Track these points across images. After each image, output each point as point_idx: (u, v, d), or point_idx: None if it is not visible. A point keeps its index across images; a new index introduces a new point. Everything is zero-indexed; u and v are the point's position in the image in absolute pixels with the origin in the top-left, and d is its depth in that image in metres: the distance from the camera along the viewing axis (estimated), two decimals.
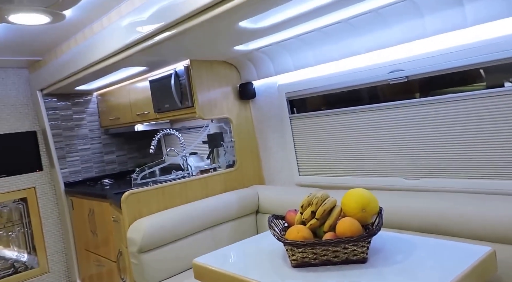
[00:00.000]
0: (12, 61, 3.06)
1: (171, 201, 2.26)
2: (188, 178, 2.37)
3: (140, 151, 3.84)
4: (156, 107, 2.71)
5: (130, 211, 2.13)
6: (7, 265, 3.31)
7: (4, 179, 3.19)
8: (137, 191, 2.15)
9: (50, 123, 3.30)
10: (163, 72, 2.58)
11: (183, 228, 2.12)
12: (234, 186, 2.54)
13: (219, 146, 2.59)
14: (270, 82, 2.51)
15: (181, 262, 2.10)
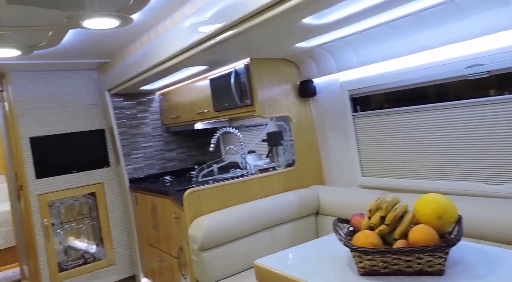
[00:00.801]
0: (83, 64, 3.27)
1: (230, 200, 2.27)
2: (247, 177, 2.36)
3: (199, 149, 3.93)
4: (215, 106, 2.74)
5: (191, 208, 2.17)
6: (78, 255, 3.55)
7: (76, 174, 3.42)
8: (198, 189, 2.18)
9: (117, 122, 3.48)
10: (223, 71, 2.60)
11: (242, 227, 2.12)
12: (293, 185, 2.50)
13: (278, 144, 2.56)
14: (332, 79, 2.43)
15: (240, 261, 2.09)
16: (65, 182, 3.37)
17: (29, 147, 3.21)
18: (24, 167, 3.19)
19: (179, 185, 3.11)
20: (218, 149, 3.77)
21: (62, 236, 3.47)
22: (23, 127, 3.20)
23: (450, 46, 1.78)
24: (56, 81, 3.36)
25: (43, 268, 3.23)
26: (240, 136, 2.76)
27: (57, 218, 3.44)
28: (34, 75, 3.26)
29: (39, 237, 3.23)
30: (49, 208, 3.33)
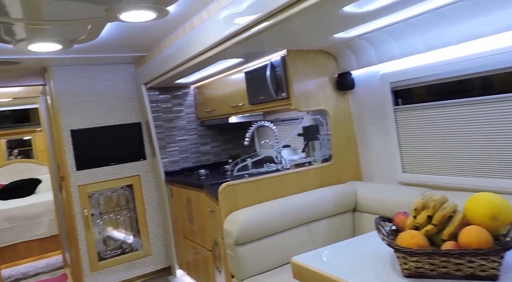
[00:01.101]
0: (120, 58, 3.33)
1: (266, 194, 2.24)
2: (283, 172, 2.32)
3: (233, 143, 3.92)
4: (250, 99, 2.71)
5: (226, 202, 2.15)
6: (116, 245, 3.65)
7: (114, 167, 3.51)
8: (233, 183, 2.16)
9: (153, 115, 3.52)
10: (259, 64, 2.55)
11: (278, 222, 2.08)
12: (330, 181, 2.43)
13: (314, 139, 2.50)
14: (371, 71, 2.33)
15: (276, 257, 2.06)
16: (103, 174, 3.46)
17: (70, 139, 3.32)
18: (66, 158, 3.30)
19: (214, 178, 3.11)
20: (252, 143, 3.75)
21: (101, 226, 3.58)
22: (64, 120, 3.31)
23: (505, 33, 1.64)
24: (95, 75, 3.44)
25: (84, 257, 3.34)
26: (275, 130, 2.72)
27: (97, 209, 3.54)
28: (74, 70, 3.35)
29: (80, 227, 3.35)
30: (89, 199, 3.43)
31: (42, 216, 4.82)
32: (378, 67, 2.27)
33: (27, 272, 4.25)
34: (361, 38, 2.14)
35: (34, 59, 2.94)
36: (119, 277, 3.49)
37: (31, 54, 2.78)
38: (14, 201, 5.15)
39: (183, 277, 3.44)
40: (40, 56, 2.87)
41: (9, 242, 4.57)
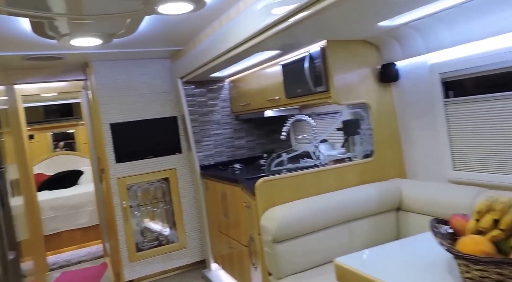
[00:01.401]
0: (157, 52, 3.34)
1: (304, 191, 2.16)
2: (321, 167, 2.24)
3: (268, 137, 3.86)
4: (287, 93, 2.63)
5: (263, 198, 2.10)
6: (153, 237, 3.71)
7: (151, 160, 3.55)
8: (271, 179, 2.11)
9: (188, 109, 3.53)
10: (296, 56, 2.47)
11: (317, 220, 2.01)
12: (371, 178, 2.32)
13: (355, 133, 2.39)
14: (418, 61, 2.18)
15: (315, 256, 1.99)
16: (141, 167, 3.51)
17: (109, 132, 3.39)
18: (105, 151, 3.37)
19: (249, 173, 3.07)
20: (287, 137, 3.67)
21: (139, 218, 3.65)
22: (104, 114, 3.38)
23: None
24: (133, 70, 3.48)
25: (122, 247, 3.42)
26: (313, 124, 2.63)
27: (135, 201, 3.61)
28: (113, 65, 3.41)
29: (119, 218, 3.42)
30: (127, 191, 3.50)
31: (84, 206, 4.99)
32: (426, 57, 2.13)
33: (70, 259, 4.43)
34: (408, 26, 2.00)
35: (76, 54, 3.01)
36: (156, 268, 3.54)
37: (73, 49, 2.84)
38: (58, 191, 5.37)
39: (218, 271, 3.44)
40: (82, 52, 2.93)
41: (54, 230, 4.78)
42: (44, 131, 6.68)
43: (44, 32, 2.27)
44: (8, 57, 2.83)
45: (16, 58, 2.88)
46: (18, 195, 2.79)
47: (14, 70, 3.26)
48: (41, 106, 6.48)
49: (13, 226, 2.14)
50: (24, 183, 3.22)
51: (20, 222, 2.74)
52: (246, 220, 2.60)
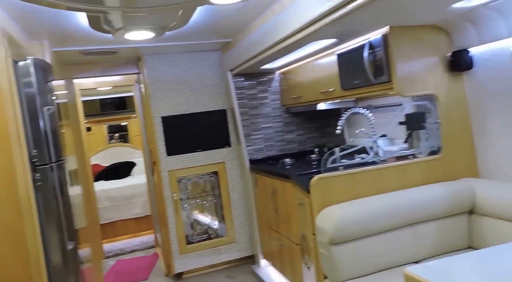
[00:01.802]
0: (208, 45, 3.30)
1: (362, 190, 2.02)
2: (383, 164, 2.07)
3: (320, 131, 3.71)
4: (343, 84, 2.48)
5: (319, 196, 1.98)
6: (202, 230, 3.72)
7: (200, 153, 3.54)
8: (327, 176, 1.98)
9: (238, 102, 3.47)
10: (354, 44, 2.30)
11: (378, 222, 1.86)
12: (438, 177, 2.11)
13: (420, 128, 2.19)
14: (498, 48, 1.93)
15: (376, 260, 1.85)
16: (191, 160, 3.51)
17: (161, 125, 3.42)
18: (157, 144, 3.41)
19: (300, 168, 2.96)
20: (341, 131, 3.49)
21: (188, 211, 3.67)
22: (155, 107, 3.41)
23: None
24: (184, 63, 3.48)
25: (173, 239, 3.45)
26: (371, 118, 2.45)
27: (185, 194, 3.63)
28: (165, 58, 3.42)
29: (169, 210, 3.46)
30: (178, 184, 3.52)
31: (137, 197, 5.14)
32: (506, 43, 1.88)
33: (124, 248, 4.58)
34: (488, 7, 1.77)
35: (129, 48, 3.05)
36: (206, 261, 3.55)
37: (127, 44, 2.87)
38: (113, 181, 5.59)
39: (267, 267, 3.38)
40: (135, 45, 2.96)
41: (109, 219, 4.97)
42: (100, 123, 6.99)
43: (100, 27, 2.29)
44: (68, 52, 2.93)
45: (75, 53, 2.97)
46: (77, 184, 2.89)
47: (73, 65, 3.38)
48: (97, 100, 6.78)
49: (72, 215, 2.21)
50: (82, 173, 3.35)
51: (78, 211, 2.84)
52: (298, 217, 2.50)
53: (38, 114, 1.85)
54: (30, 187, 1.77)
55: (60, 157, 2.05)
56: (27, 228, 1.74)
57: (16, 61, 1.81)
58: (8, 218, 1.71)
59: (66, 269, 1.93)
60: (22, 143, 1.76)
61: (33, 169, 1.82)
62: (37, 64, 1.92)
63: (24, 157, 1.76)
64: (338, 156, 2.24)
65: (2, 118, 1.70)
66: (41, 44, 2.44)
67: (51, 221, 1.89)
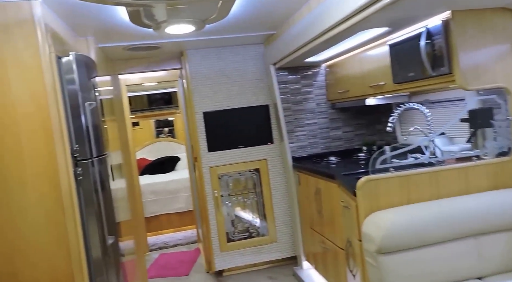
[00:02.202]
0: (250, 38, 3.19)
1: (417, 194, 1.82)
2: (439, 166, 1.85)
3: (369, 128, 3.48)
4: (396, 77, 2.27)
5: (366, 200, 1.81)
6: (243, 228, 3.64)
7: (242, 150, 3.45)
8: (376, 177, 1.80)
9: (281, 97, 3.33)
10: (408, 33, 2.08)
11: (434, 231, 1.65)
12: (507, 182, 1.85)
13: (487, 126, 1.93)
14: None
15: (431, 274, 1.65)
16: (232, 157, 3.44)
17: (202, 121, 3.37)
18: (198, 140, 3.37)
19: (346, 168, 2.78)
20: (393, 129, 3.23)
21: (229, 208, 3.61)
22: (197, 102, 3.37)
23: None
24: (226, 57, 3.40)
25: (214, 236, 3.41)
26: (428, 114, 2.22)
27: (226, 190, 3.57)
28: (207, 52, 3.36)
29: (210, 207, 3.41)
30: (219, 180, 3.47)
31: (180, 191, 5.19)
32: None
33: (168, 242, 4.64)
34: None
35: (171, 43, 3.01)
36: (246, 260, 3.47)
37: (169, 38, 2.83)
38: (158, 175, 5.69)
39: (309, 269, 3.24)
40: (176, 40, 2.92)
41: (154, 213, 5.06)
42: (147, 118, 7.18)
43: (141, 21, 2.26)
44: (112, 48, 2.96)
45: (119, 49, 2.99)
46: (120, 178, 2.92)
47: (118, 61, 3.42)
48: (145, 95, 6.95)
49: (112, 209, 2.21)
50: (127, 167, 3.38)
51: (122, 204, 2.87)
52: (343, 220, 2.33)
53: (80, 110, 1.85)
54: (72, 182, 1.79)
55: (101, 152, 2.05)
56: (69, 222, 1.76)
57: (59, 57, 1.81)
58: (52, 211, 1.74)
59: (106, 262, 1.94)
60: (64, 138, 1.77)
61: (75, 164, 1.83)
62: (80, 60, 1.92)
63: (66, 151, 1.78)
64: (389, 156, 2.04)
65: (45, 113, 1.72)
66: (87, 40, 2.47)
67: (92, 215, 1.90)
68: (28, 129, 1.71)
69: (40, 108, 1.71)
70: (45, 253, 1.74)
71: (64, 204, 1.75)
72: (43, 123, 1.71)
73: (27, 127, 1.71)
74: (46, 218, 1.74)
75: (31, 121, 1.71)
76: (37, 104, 1.70)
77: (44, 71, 1.68)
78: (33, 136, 1.71)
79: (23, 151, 1.71)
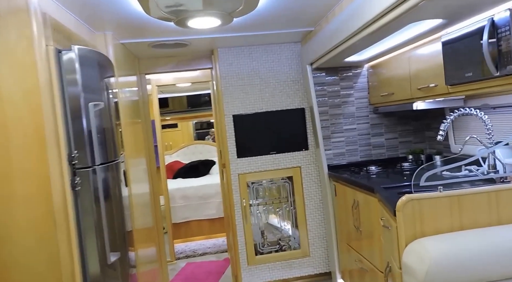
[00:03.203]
0: (285, 35, 2.96)
1: (471, 218, 1.49)
2: (503, 185, 1.51)
3: (416, 134, 3.12)
4: (449, 78, 1.94)
5: (408, 223, 1.51)
6: (273, 240, 3.40)
7: (274, 156, 3.22)
8: (419, 197, 1.50)
9: (318, 100, 3.07)
10: (467, 27, 1.76)
11: (495, 266, 1.33)
12: None
13: None
14: None
15: None
16: (263, 163, 3.22)
17: (232, 125, 3.18)
18: (227, 145, 3.18)
19: (387, 178, 2.47)
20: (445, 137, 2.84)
21: (259, 218, 3.39)
22: (227, 104, 3.18)
23: None
24: (259, 56, 3.19)
25: (241, 249, 3.19)
26: (487, 121, 1.87)
27: (255, 199, 3.36)
28: (239, 51, 3.17)
29: (238, 217, 3.21)
30: (248, 188, 3.26)
31: (212, 197, 5.02)
32: None
33: (197, 249, 4.49)
34: None
35: (200, 40, 2.85)
36: (276, 275, 3.23)
37: (196, 34, 2.67)
38: (191, 180, 5.57)
39: None
40: (205, 36, 2.75)
41: (184, 218, 4.93)
42: (186, 120, 7.13)
43: (156, 12, 2.06)
44: (136, 44, 2.79)
45: (144, 46, 2.86)
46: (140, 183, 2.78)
47: (145, 60, 3.31)
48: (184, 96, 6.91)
49: (122, 218, 2.03)
50: (151, 171, 3.26)
51: (142, 210, 2.72)
52: (383, 240, 2.03)
53: (81, 112, 1.66)
54: (68, 193, 1.58)
55: (110, 158, 1.87)
56: (61, 239, 1.53)
57: (60, 51, 1.61)
58: (42, 228, 1.49)
59: (105, 280, 1.74)
60: (61, 144, 1.58)
61: (72, 172, 1.63)
62: (86, 56, 1.71)
63: (62, 160, 1.57)
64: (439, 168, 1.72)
65: (38, 116, 1.46)
66: (104, 36, 2.31)
67: (91, 230, 1.68)
68: (19, 134, 1.47)
69: (33, 109, 1.47)
70: (34, 276, 1.51)
71: (56, 219, 1.51)
72: (36, 127, 1.48)
73: (18, 131, 1.47)
74: (36, 237, 1.50)
75: (23, 125, 1.47)
76: (29, 105, 1.47)
77: (38, 67, 1.46)
78: (25, 142, 1.48)
79: (11, 158, 1.47)
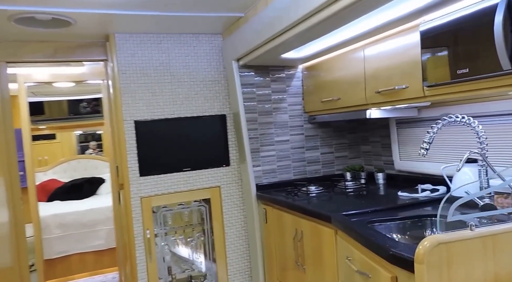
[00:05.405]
0: (205, 22, 2.33)
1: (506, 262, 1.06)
2: None
3: (352, 149, 2.75)
4: (431, 77, 1.55)
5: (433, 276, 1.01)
6: (183, 277, 2.69)
7: (188, 174, 2.53)
8: (448, 240, 1.01)
9: (244, 105, 2.49)
10: (462, 10, 1.38)
11: None
12: None
13: None
14: None
15: None
16: (174, 183, 2.50)
17: (133, 133, 2.40)
18: (126, 159, 2.38)
19: (331, 200, 2.02)
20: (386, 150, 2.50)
21: (166, 251, 2.65)
22: (127, 107, 2.40)
23: None
24: (171, 47, 2.50)
25: None
26: (480, 130, 1.52)
27: (162, 228, 2.61)
28: (143, 40, 2.43)
29: (140, 253, 2.42)
30: (153, 215, 2.50)
31: (100, 224, 4.04)
32: None
33: None
34: None
35: (90, 16, 2.05)
36: None
37: (85, 7, 1.88)
38: (72, 203, 4.46)
39: None
40: (97, 11, 1.97)
41: (61, 253, 3.84)
42: (67, 130, 5.96)
43: None
44: None
45: (1, 18, 1.93)
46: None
47: (4, 43, 2.33)
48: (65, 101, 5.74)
49: None
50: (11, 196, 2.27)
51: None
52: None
53: None
54: None
55: None
56: None
57: None
58: None
59: None
60: None
61: None
62: None
63: None
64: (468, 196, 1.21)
65: None
66: None
67: None
68: None
69: None
70: None
71: None
72: None
73: None
74: None
75: None
76: None
77: None
78: None
79: None
